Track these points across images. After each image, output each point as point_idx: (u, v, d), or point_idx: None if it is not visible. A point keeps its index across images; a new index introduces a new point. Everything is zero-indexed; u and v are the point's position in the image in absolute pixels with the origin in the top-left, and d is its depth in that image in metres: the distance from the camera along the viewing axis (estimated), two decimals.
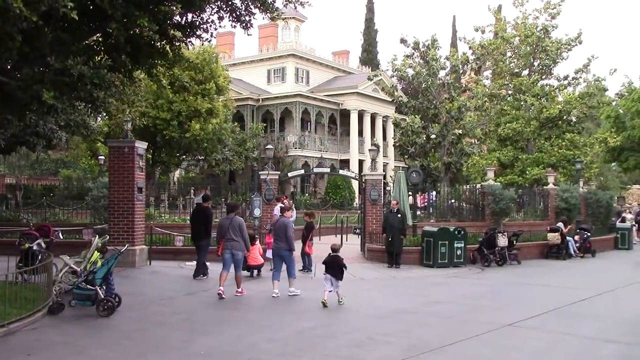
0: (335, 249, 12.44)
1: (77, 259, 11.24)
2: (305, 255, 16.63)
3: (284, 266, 13.12)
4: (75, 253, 11.94)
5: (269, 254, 16.75)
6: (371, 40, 67.45)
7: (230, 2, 12.63)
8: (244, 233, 12.82)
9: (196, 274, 14.92)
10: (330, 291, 11.93)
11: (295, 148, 48.04)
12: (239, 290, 12.78)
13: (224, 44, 53.26)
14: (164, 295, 12.71)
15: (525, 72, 35.17)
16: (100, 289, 10.48)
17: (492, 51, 34.00)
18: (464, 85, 33.37)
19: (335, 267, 12.06)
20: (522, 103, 33.74)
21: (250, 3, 12.65)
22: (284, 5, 13.21)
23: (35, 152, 30.27)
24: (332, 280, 11.97)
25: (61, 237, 17.70)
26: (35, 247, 12.64)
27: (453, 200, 25.09)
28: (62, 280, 11.16)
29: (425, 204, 26.85)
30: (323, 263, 12.32)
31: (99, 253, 11.19)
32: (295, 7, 13.46)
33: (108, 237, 15.14)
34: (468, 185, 27.95)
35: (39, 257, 11.97)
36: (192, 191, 30.60)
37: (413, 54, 31.63)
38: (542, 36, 33.36)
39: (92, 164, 41.16)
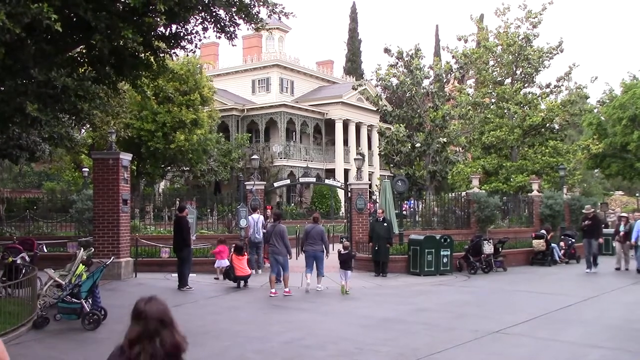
0: (346, 247, 15.26)
1: (61, 272, 11.15)
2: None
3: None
4: (59, 266, 11.85)
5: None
6: (355, 50, 67.74)
7: (214, 13, 12.64)
8: (285, 240, 14.38)
9: (180, 285, 14.83)
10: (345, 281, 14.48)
11: (281, 158, 48.02)
12: (286, 290, 14.19)
13: (208, 55, 53.16)
14: None
15: (508, 80, 35.44)
16: (85, 302, 10.39)
17: (475, 60, 34.28)
18: (447, 94, 33.58)
19: (348, 260, 14.71)
20: (505, 111, 33.99)
21: (234, 14, 12.66)
22: (268, 16, 13.22)
23: (18, 165, 30.08)
24: (345, 273, 14.52)
25: (45, 250, 17.55)
26: (19, 261, 12.52)
27: (455, 208, 25.15)
28: (46, 293, 11.05)
29: (404, 212, 26.94)
30: (340, 261, 14.91)
31: (84, 266, 11.11)
32: (280, 18, 13.49)
33: (93, 249, 14.98)
34: (453, 193, 28.08)
35: (23, 270, 11.86)
36: (177, 202, 30.43)
37: (397, 63, 31.83)
38: (524, 45, 33.65)
39: (76, 176, 40.78)
